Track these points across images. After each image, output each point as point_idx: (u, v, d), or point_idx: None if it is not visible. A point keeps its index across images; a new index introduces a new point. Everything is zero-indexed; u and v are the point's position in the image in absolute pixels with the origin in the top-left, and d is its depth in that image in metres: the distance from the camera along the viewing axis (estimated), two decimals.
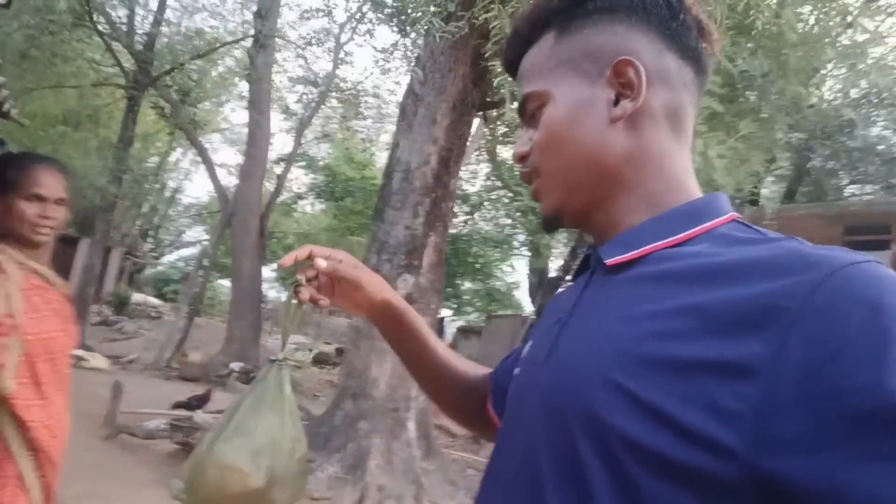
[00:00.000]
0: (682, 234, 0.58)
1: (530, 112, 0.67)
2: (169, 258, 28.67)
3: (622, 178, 0.63)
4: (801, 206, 8.79)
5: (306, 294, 0.84)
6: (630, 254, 0.59)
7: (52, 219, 1.52)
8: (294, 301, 0.84)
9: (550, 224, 0.69)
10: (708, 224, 0.59)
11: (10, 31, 7.71)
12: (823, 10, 5.16)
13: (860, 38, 5.51)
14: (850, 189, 12.18)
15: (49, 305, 1.52)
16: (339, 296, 0.89)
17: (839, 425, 0.41)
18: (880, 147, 10.86)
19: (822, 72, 5.82)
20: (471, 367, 0.98)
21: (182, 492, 0.84)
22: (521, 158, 0.69)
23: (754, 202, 8.52)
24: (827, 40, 5.08)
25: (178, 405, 6.00)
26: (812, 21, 5.27)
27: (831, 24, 5.38)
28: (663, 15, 0.63)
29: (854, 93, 8.45)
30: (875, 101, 9.33)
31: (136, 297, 18.86)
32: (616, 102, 0.62)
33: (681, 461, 0.45)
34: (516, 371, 0.72)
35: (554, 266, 13.48)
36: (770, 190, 13.44)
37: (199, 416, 5.45)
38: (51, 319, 1.50)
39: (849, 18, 5.18)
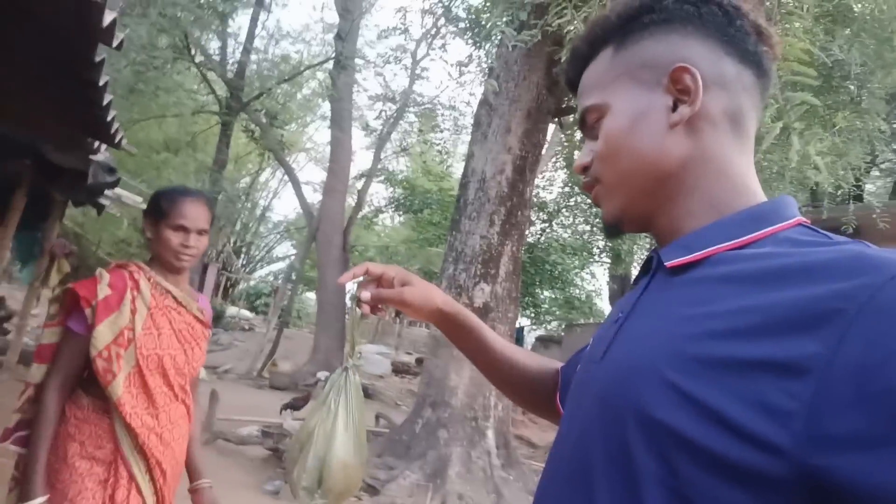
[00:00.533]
0: (744, 238, 0.59)
1: (590, 124, 0.70)
2: (260, 273, 30.25)
3: (682, 182, 0.64)
4: None
5: (367, 308, 0.95)
6: (691, 256, 0.60)
7: (193, 248, 1.63)
8: (357, 313, 0.96)
9: (612, 230, 0.72)
10: (772, 228, 0.59)
11: (120, 67, 8.49)
12: None
13: None
14: None
15: (172, 325, 1.63)
16: (396, 305, 0.98)
17: (894, 423, 0.40)
18: None
19: None
20: (537, 360, 1.03)
21: (317, 495, 0.99)
22: (582, 169, 0.72)
23: (858, 198, 7.88)
24: None
25: (286, 406, 6.32)
26: None
27: None
28: (720, 22, 0.64)
29: None
30: None
31: (231, 310, 19.99)
32: (674, 108, 0.64)
33: (729, 457, 0.46)
34: (578, 368, 0.75)
35: (636, 272, 13.06)
36: (875, 185, 12.42)
37: (288, 422, 5.71)
38: (170, 339, 1.62)
39: None
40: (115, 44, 1.52)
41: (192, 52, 11.19)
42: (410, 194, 13.54)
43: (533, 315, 12.53)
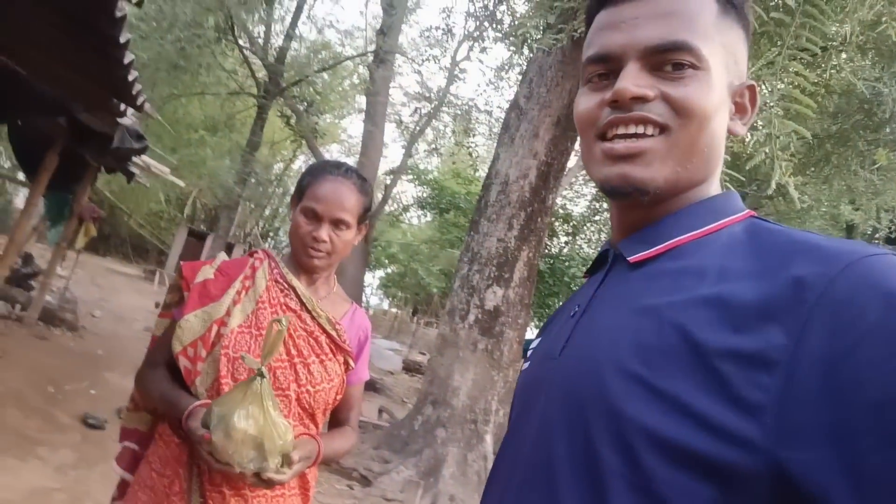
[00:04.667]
0: (701, 229, 0.59)
1: (673, 61, 0.58)
2: None
3: (711, 178, 0.63)
4: None
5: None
6: (652, 250, 0.60)
7: (325, 242, 1.28)
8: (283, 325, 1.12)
9: (634, 192, 0.59)
10: (726, 220, 0.59)
11: (165, 43, 8.68)
12: None
13: None
14: None
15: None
16: None
17: (861, 414, 0.40)
18: None
19: None
20: None
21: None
22: (635, 99, 0.58)
23: (894, 241, 7.62)
24: None
25: None
26: None
27: None
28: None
29: None
30: None
31: None
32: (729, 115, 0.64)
33: (699, 451, 0.45)
34: (525, 366, 0.73)
35: None
36: None
37: None
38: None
39: None
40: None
41: (236, 33, 11.37)
42: (438, 194, 13.54)
43: None
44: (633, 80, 0.58)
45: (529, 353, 0.75)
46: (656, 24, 0.58)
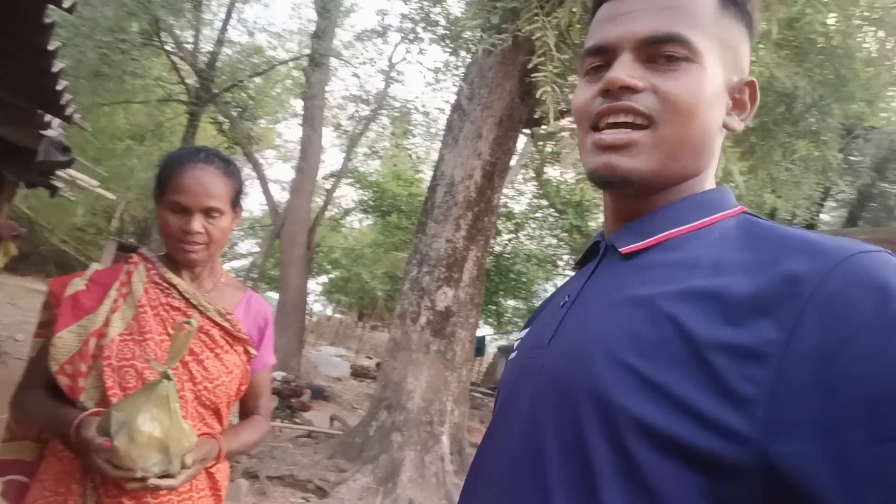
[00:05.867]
0: (694, 223, 0.59)
1: (666, 53, 0.59)
2: None
3: (701, 178, 0.64)
4: (864, 230, 8.38)
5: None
6: (645, 241, 0.60)
7: (199, 233, 1.23)
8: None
9: (618, 183, 0.61)
10: (719, 215, 0.60)
11: (86, 49, 8.22)
12: (881, 29, 4.94)
13: None
14: None
15: (167, 330, 1.24)
16: None
17: (852, 409, 0.40)
18: None
19: (888, 93, 5.56)
20: None
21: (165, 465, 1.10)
22: (624, 89, 0.59)
23: (812, 227, 8.15)
24: (887, 63, 4.86)
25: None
26: (870, 40, 5.06)
27: (889, 46, 5.15)
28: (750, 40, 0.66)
29: None
30: None
31: None
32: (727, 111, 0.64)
33: (688, 442, 0.45)
34: (512, 356, 0.72)
35: None
36: (831, 216, 12.88)
37: None
38: (160, 347, 1.21)
39: None
40: (66, 4, 1.42)
41: (162, 38, 10.91)
42: (379, 197, 13.46)
43: (495, 324, 12.56)
44: (624, 70, 0.59)
45: (517, 343, 0.74)
46: (653, 16, 0.59)
